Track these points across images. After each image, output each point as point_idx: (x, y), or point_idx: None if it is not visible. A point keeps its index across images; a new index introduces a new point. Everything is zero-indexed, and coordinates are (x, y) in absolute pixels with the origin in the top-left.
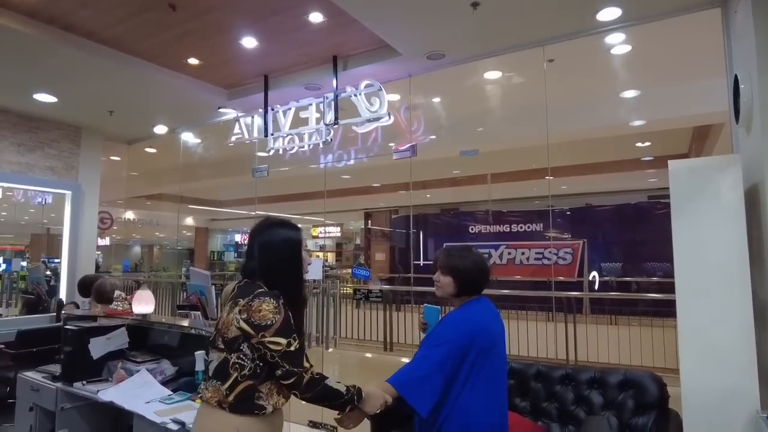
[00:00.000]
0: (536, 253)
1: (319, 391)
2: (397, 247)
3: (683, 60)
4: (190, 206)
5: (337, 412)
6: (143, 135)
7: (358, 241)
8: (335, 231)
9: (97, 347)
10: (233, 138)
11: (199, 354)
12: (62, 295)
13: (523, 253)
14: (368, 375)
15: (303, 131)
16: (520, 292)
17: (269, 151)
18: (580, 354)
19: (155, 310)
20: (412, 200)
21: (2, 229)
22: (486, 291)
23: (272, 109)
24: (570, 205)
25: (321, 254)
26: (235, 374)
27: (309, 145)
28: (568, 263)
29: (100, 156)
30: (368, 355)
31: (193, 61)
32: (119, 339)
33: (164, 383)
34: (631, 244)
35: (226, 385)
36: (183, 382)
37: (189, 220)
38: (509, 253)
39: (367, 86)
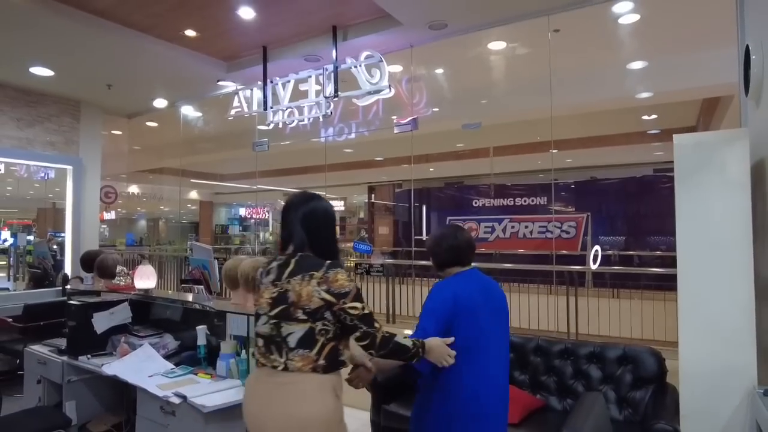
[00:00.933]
0: (540, 226)
1: (391, 348)
2: (400, 220)
3: (693, 29)
4: (192, 180)
5: (349, 372)
6: (143, 108)
7: (361, 215)
8: (339, 205)
9: (101, 322)
10: (233, 111)
11: (201, 329)
12: (67, 269)
13: (526, 227)
14: None
15: (303, 104)
16: (523, 265)
17: (269, 124)
18: (581, 327)
19: (161, 284)
20: (415, 174)
21: (8, 204)
22: (489, 264)
23: (271, 82)
24: (574, 179)
25: None
26: (322, 339)
27: (309, 119)
28: (572, 237)
29: (100, 130)
30: None
31: (189, 32)
32: (122, 314)
33: (167, 357)
34: (635, 217)
35: (315, 350)
36: (185, 356)
37: (193, 194)
38: (513, 227)
39: (367, 57)
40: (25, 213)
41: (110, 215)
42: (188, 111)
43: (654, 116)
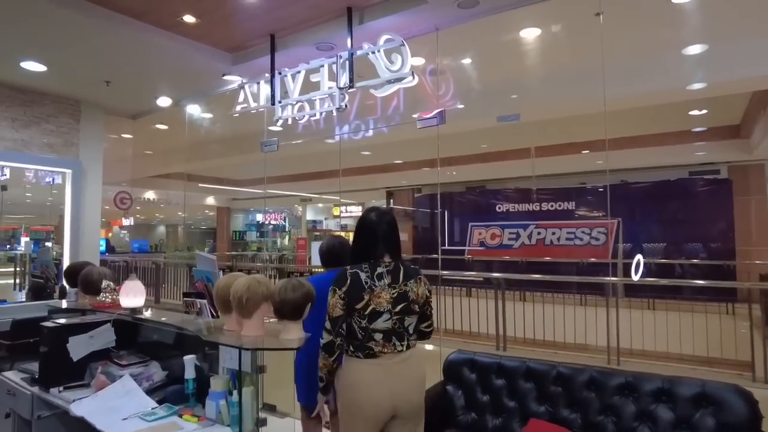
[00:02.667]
0: (567, 232)
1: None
2: (420, 227)
3: (756, 10)
4: (201, 185)
5: None
6: (146, 108)
7: None
8: (357, 210)
9: (78, 347)
10: (238, 108)
11: (189, 359)
12: (65, 281)
13: (553, 233)
14: None
15: (314, 97)
16: (558, 277)
17: (276, 120)
18: (622, 341)
19: (175, 292)
20: (435, 178)
21: (29, 210)
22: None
23: (280, 73)
24: (604, 182)
25: (343, 234)
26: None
27: (321, 113)
28: (602, 244)
29: (102, 132)
30: None
31: (188, 18)
32: (104, 337)
33: (150, 391)
34: (671, 223)
35: (415, 334)
36: (171, 392)
37: (210, 200)
38: (539, 233)
39: (387, 41)
40: (46, 219)
41: (129, 221)
42: (194, 110)
43: (704, 111)
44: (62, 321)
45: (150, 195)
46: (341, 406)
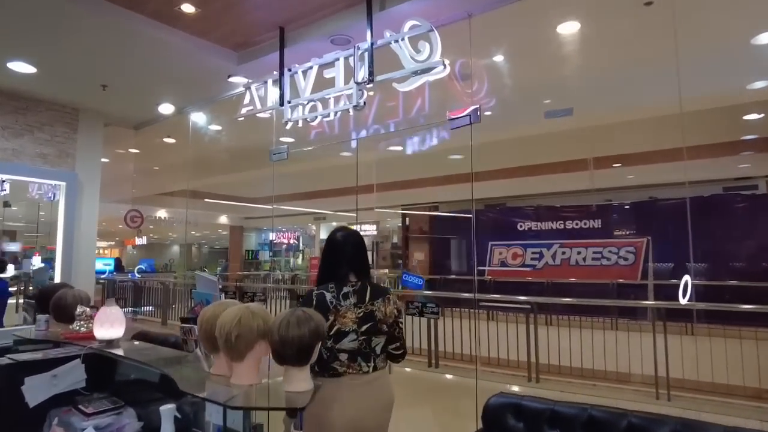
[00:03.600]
0: (594, 252)
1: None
2: (437, 246)
3: None
4: (207, 200)
5: None
6: (148, 117)
7: (395, 240)
8: (371, 229)
9: (37, 390)
10: (243, 111)
11: (167, 411)
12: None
13: (579, 253)
14: (412, 397)
15: (328, 95)
16: (596, 300)
17: (286, 123)
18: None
19: (178, 315)
20: (453, 195)
21: (44, 229)
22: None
23: (289, 71)
24: (630, 199)
25: None
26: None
27: (336, 114)
28: (630, 264)
29: (100, 142)
30: (407, 369)
31: (187, 7)
32: (71, 376)
33: None
34: (705, 242)
35: (385, 353)
36: None
37: (223, 219)
38: (563, 253)
39: (412, 28)
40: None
41: (142, 240)
42: (199, 119)
43: (762, 115)
44: (23, 357)
45: (162, 213)
46: (306, 425)
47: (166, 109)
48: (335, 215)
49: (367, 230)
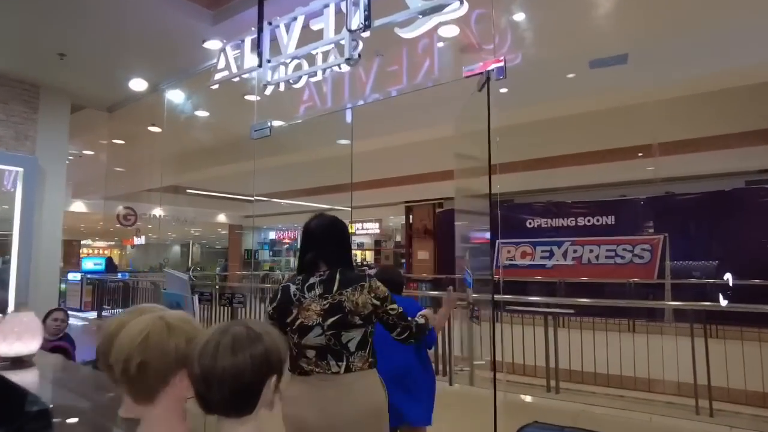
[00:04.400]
0: (607, 250)
1: (422, 331)
2: (443, 244)
3: None
4: (188, 191)
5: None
6: (121, 96)
7: (398, 238)
8: (373, 227)
9: None
10: (217, 76)
11: None
12: (11, 304)
13: (591, 251)
14: None
15: (316, 48)
16: (635, 302)
17: (264, 86)
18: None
19: None
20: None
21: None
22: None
23: (270, 24)
24: (645, 194)
25: (359, 253)
26: (371, 340)
27: (325, 72)
28: (646, 262)
29: (66, 124)
30: None
31: None
32: None
33: None
34: (727, 240)
35: (367, 350)
36: None
37: (221, 218)
38: (575, 251)
39: None
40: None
41: (140, 240)
42: (175, 97)
43: None
44: None
45: (158, 212)
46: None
47: (138, 85)
48: (333, 211)
49: (369, 229)
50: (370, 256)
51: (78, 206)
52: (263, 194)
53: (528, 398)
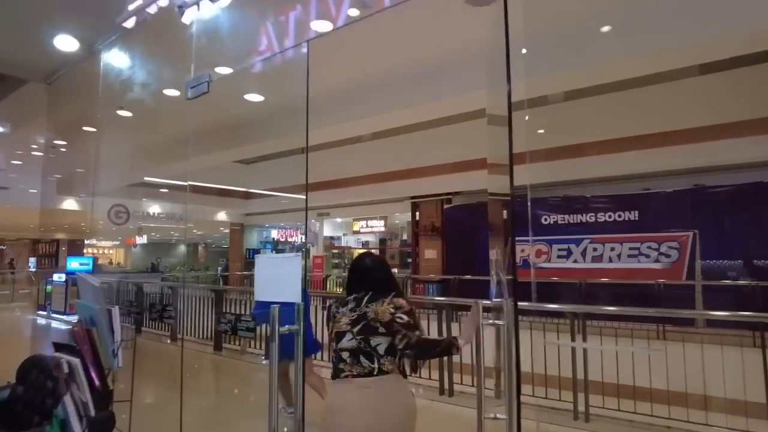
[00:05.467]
0: (630, 248)
1: (420, 348)
2: (451, 242)
3: None
4: (158, 184)
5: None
6: (49, 60)
7: (404, 237)
8: (378, 225)
9: None
10: (130, 6)
11: None
12: None
13: (612, 249)
14: None
15: None
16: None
17: (180, 8)
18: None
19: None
20: (467, 185)
21: None
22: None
23: None
24: (672, 187)
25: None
26: (399, 353)
27: None
28: (674, 261)
29: None
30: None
31: None
32: None
33: None
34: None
35: (396, 358)
36: None
37: (221, 216)
38: (594, 249)
39: None
40: None
41: (142, 239)
42: (114, 59)
43: None
44: None
45: (155, 209)
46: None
47: (67, 44)
48: (338, 210)
49: (374, 227)
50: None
51: (69, 204)
52: (268, 189)
53: (551, 429)
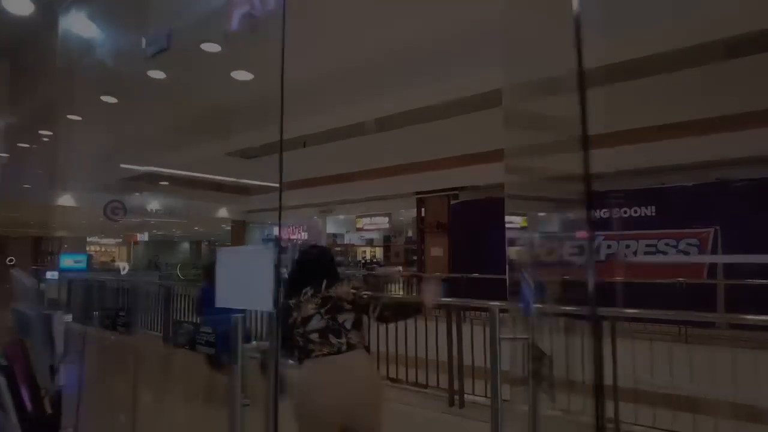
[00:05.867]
0: (646, 245)
1: (396, 306)
2: (458, 240)
3: None
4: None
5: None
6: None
7: (409, 234)
8: (383, 222)
9: None
10: None
11: None
12: None
13: (628, 246)
14: None
15: None
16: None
17: None
18: None
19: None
20: (468, 179)
21: None
22: None
23: None
24: (690, 180)
25: (368, 249)
26: (365, 326)
27: None
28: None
29: None
30: (417, 410)
31: None
32: None
33: None
34: None
35: (362, 332)
36: None
37: (223, 212)
38: (608, 246)
39: None
40: None
41: (144, 237)
42: (75, 24)
43: None
44: None
45: (155, 205)
46: (295, 415)
47: (16, 3)
48: (341, 207)
49: (378, 223)
50: (380, 252)
51: (66, 200)
52: (265, 186)
53: None
